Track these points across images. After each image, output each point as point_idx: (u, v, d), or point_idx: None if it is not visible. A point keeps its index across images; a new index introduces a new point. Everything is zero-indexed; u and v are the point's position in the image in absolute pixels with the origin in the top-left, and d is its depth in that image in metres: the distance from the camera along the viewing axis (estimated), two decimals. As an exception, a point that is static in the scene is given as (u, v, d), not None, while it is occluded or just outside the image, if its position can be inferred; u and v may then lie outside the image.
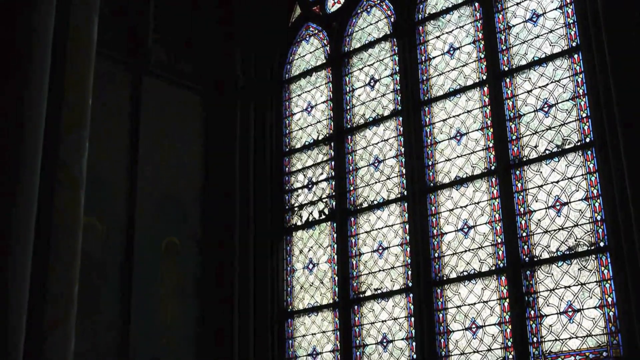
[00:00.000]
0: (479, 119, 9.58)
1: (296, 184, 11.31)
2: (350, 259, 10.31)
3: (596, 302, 8.15)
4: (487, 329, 8.85)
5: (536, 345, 8.42)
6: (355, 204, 10.52)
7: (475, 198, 9.35)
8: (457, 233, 9.40)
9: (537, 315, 8.50)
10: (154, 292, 10.16)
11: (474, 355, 8.88)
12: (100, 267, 9.65)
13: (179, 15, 11.35)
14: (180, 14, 11.36)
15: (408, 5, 10.58)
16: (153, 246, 10.33)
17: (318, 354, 10.33)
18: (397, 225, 10.00)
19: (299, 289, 10.82)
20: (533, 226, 8.78)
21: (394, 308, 9.74)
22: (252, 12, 11.70)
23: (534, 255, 8.70)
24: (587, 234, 8.38)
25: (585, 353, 8.09)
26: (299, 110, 11.62)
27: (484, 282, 9.03)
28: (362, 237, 10.34)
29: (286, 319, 10.80)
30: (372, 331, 9.88)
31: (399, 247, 9.89)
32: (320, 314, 10.47)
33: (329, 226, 10.73)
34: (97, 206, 9.67)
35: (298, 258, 10.97)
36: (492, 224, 9.11)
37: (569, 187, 8.64)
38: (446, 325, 9.18)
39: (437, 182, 9.75)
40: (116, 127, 10.31)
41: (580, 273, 8.34)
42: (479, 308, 8.97)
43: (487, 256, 9.07)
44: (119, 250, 9.94)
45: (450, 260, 9.37)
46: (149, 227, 10.31)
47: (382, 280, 9.95)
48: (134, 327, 9.73)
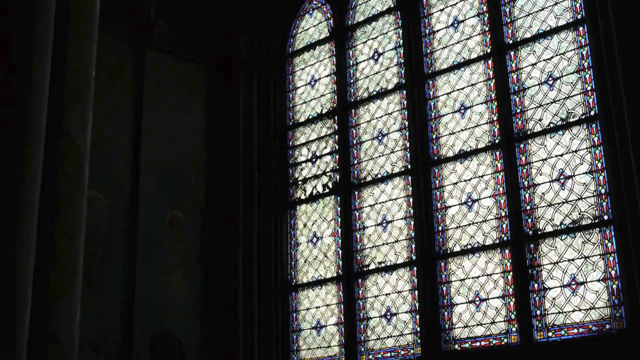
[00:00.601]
0: (483, 92, 9.55)
1: (300, 157, 11.31)
2: (354, 233, 10.33)
3: (599, 275, 8.16)
4: (490, 302, 8.87)
5: (539, 318, 8.44)
6: (359, 177, 10.52)
7: (479, 171, 9.34)
8: (461, 206, 9.40)
9: (540, 288, 8.51)
10: (158, 265, 10.19)
11: (477, 328, 8.91)
12: (105, 240, 9.69)
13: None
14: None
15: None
16: (157, 220, 10.35)
17: (322, 327, 10.37)
18: (401, 199, 10.00)
19: (303, 263, 10.85)
20: (537, 199, 8.78)
21: (398, 281, 9.76)
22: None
23: (537, 229, 8.70)
24: (591, 207, 8.37)
25: (588, 326, 8.11)
26: (302, 84, 11.59)
27: (487, 255, 9.03)
28: (366, 210, 10.34)
29: (290, 292, 10.84)
30: (375, 304, 9.91)
31: (403, 221, 9.90)
32: (324, 287, 10.51)
33: (333, 200, 10.74)
34: (101, 180, 9.68)
35: (302, 232, 10.99)
36: (496, 197, 9.11)
37: (573, 160, 8.62)
38: (450, 298, 9.21)
39: (441, 155, 9.74)
40: (119, 101, 10.30)
41: (583, 246, 8.34)
42: (483, 281, 8.98)
43: (490, 229, 9.08)
44: (123, 223, 9.96)
45: (454, 233, 9.37)
46: (152, 200, 10.33)
47: (385, 254, 9.97)
48: (139, 300, 9.78)
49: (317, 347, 10.34)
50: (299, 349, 10.56)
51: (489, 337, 8.79)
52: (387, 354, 9.61)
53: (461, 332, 9.01)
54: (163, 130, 10.68)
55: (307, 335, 10.53)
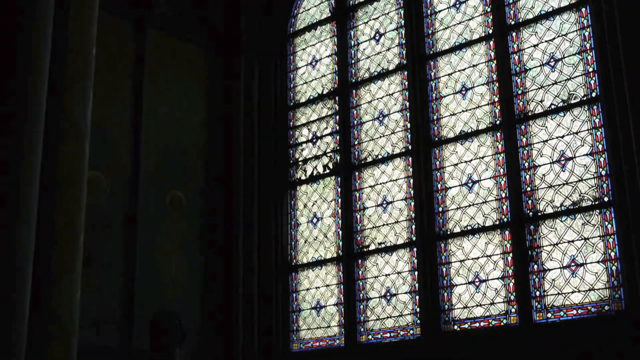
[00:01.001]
0: (485, 73, 9.52)
1: (300, 138, 11.30)
2: (355, 213, 10.34)
3: (599, 257, 8.17)
4: (490, 283, 8.90)
5: (539, 299, 8.46)
6: (360, 158, 10.52)
7: (480, 152, 9.33)
8: (461, 187, 9.40)
9: (540, 270, 8.53)
10: (158, 245, 10.21)
11: (476, 309, 8.94)
12: (105, 220, 9.69)
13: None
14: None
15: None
16: (157, 200, 10.36)
17: (322, 307, 10.41)
18: (401, 180, 10.00)
19: (303, 243, 10.86)
20: (537, 181, 8.78)
21: (398, 262, 9.78)
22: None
23: (537, 210, 8.70)
24: (591, 188, 8.37)
25: (587, 307, 8.14)
26: (303, 65, 11.56)
27: (487, 236, 9.04)
28: (366, 191, 10.35)
29: (290, 273, 10.86)
30: (375, 285, 9.93)
31: (403, 202, 9.91)
32: (324, 268, 10.53)
33: (333, 180, 10.74)
34: (102, 160, 9.68)
35: (302, 212, 11.00)
36: (496, 179, 9.11)
37: (574, 142, 8.61)
38: (449, 279, 9.23)
39: (441, 136, 9.73)
40: (120, 81, 10.27)
41: (583, 228, 8.35)
42: (483, 262, 9.00)
43: (491, 211, 9.08)
44: (123, 203, 9.96)
45: (454, 214, 9.38)
46: (153, 181, 10.32)
47: (386, 234, 9.98)
48: (139, 280, 9.80)
49: (317, 327, 10.38)
50: (299, 329, 10.60)
51: (488, 318, 8.81)
52: (386, 335, 9.65)
53: (460, 313, 9.04)
54: (164, 110, 10.66)
55: (306, 316, 10.56)
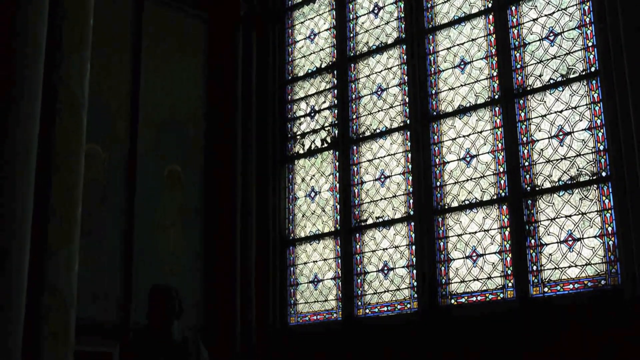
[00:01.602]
0: (484, 47, 9.48)
1: (298, 112, 11.27)
2: (352, 187, 10.34)
3: (596, 232, 8.19)
4: (487, 258, 8.92)
5: (536, 273, 8.48)
6: (358, 132, 10.50)
7: (478, 127, 9.32)
8: (459, 162, 9.39)
9: (537, 244, 8.54)
10: (156, 219, 10.21)
11: (473, 283, 8.97)
12: (102, 193, 9.68)
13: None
14: (182, -62, 11.17)
15: None
16: (155, 174, 10.34)
17: (319, 281, 10.44)
18: (399, 154, 10.00)
19: (301, 217, 10.88)
20: (535, 156, 8.77)
21: (395, 236, 9.80)
22: (255, -64, 11.50)
23: (535, 185, 8.70)
24: (589, 163, 8.37)
25: (583, 281, 8.16)
26: (301, 38, 11.51)
27: (485, 211, 9.05)
28: (364, 165, 10.35)
29: (288, 247, 10.89)
30: (373, 259, 9.96)
31: (401, 176, 9.91)
32: (322, 242, 10.55)
33: (331, 154, 10.73)
34: (99, 133, 9.66)
35: (300, 186, 11.00)
36: (494, 153, 9.10)
37: (572, 117, 8.60)
38: (447, 253, 9.25)
39: (440, 110, 9.71)
40: (117, 54, 10.22)
41: (581, 203, 8.36)
42: (480, 237, 9.01)
43: (488, 185, 9.08)
44: (121, 177, 9.95)
45: (452, 189, 9.38)
46: (150, 154, 10.30)
47: (383, 209, 9.99)
48: (137, 254, 9.81)
49: (315, 301, 10.42)
50: (296, 302, 10.64)
51: (485, 292, 8.84)
52: (383, 309, 9.68)
53: (458, 287, 9.06)
54: (161, 83, 10.62)
55: (304, 289, 10.60)
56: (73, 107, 4.01)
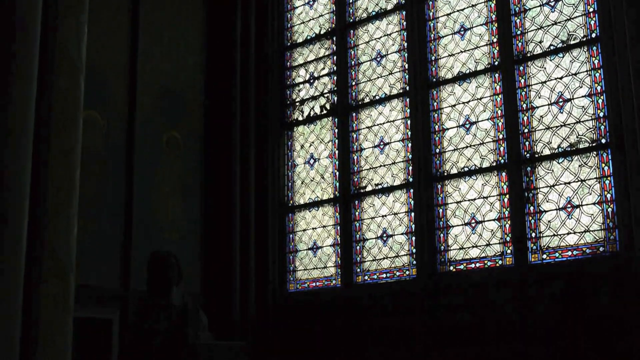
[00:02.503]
0: (484, 13, 9.42)
1: (297, 78, 11.23)
2: (352, 154, 10.33)
3: (595, 199, 8.19)
4: (486, 225, 8.93)
5: (534, 240, 8.50)
6: (357, 99, 10.47)
7: (478, 94, 9.29)
8: (458, 129, 9.37)
9: (536, 211, 8.55)
10: (155, 186, 10.20)
11: (472, 250, 8.98)
12: (102, 160, 9.66)
13: None
14: None
15: None
16: (154, 140, 10.32)
17: (318, 248, 10.46)
18: (398, 121, 9.97)
19: (300, 184, 10.87)
20: (535, 122, 8.75)
21: (394, 203, 9.80)
22: None
23: (535, 152, 8.69)
24: (589, 130, 8.35)
25: (582, 248, 8.18)
26: (300, 4, 11.42)
27: (484, 177, 9.05)
28: (363, 132, 10.32)
29: (287, 214, 10.89)
30: (372, 226, 9.97)
31: (400, 143, 9.89)
32: (321, 209, 10.56)
33: (330, 121, 10.71)
34: (98, 100, 9.63)
35: (299, 153, 10.98)
36: (494, 120, 9.08)
37: (572, 84, 8.56)
38: (446, 220, 9.25)
39: (439, 77, 9.67)
40: (116, 21, 10.15)
41: (580, 169, 8.35)
42: (479, 203, 9.02)
43: (488, 152, 9.07)
44: (120, 144, 9.92)
45: (451, 156, 9.37)
46: (149, 121, 10.28)
47: (382, 176, 9.98)
48: (137, 221, 9.81)
49: (314, 267, 10.44)
50: (295, 269, 10.67)
51: (484, 259, 8.86)
52: (382, 275, 9.71)
53: (456, 254, 9.08)
54: (160, 50, 10.57)
55: (303, 256, 10.62)
56: (71, 71, 3.98)
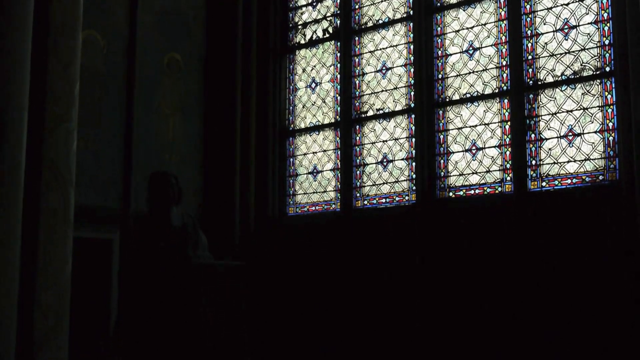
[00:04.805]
0: (491, -64, 9.25)
1: (300, 1, 11.08)
2: (353, 79, 10.27)
3: (597, 127, 8.16)
4: (487, 151, 8.92)
5: (534, 168, 8.50)
6: (360, 23, 10.35)
7: (483, 19, 9.17)
8: (462, 54, 9.29)
9: (537, 139, 8.53)
10: (156, 107, 10.17)
11: (472, 177, 9.00)
12: (102, 81, 9.61)
13: None
14: None
15: None
16: (154, 61, 10.25)
17: (319, 172, 10.48)
18: (401, 46, 9.88)
19: (301, 108, 10.84)
20: (539, 49, 8.66)
21: (395, 128, 9.78)
22: None
23: (538, 79, 8.63)
24: (593, 58, 8.27)
25: (582, 177, 8.18)
26: None
27: (486, 104, 9.01)
28: (365, 56, 10.24)
29: (287, 137, 10.88)
30: (372, 151, 9.97)
31: (403, 68, 9.81)
32: (322, 133, 10.54)
33: (332, 45, 10.61)
34: (98, 19, 9.54)
35: (301, 77, 10.91)
36: (497, 46, 8.99)
37: (578, 10, 8.45)
38: (446, 146, 9.24)
39: (443, 2, 9.54)
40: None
41: (583, 97, 8.30)
42: (480, 130, 8.99)
43: (491, 78, 9.01)
44: (120, 65, 9.85)
45: (454, 82, 9.31)
46: (150, 42, 10.18)
47: (384, 101, 9.94)
48: (137, 142, 9.80)
49: (313, 192, 10.48)
50: (295, 193, 10.71)
51: (483, 185, 8.88)
52: (382, 200, 9.75)
53: (456, 180, 9.10)
54: (160, -31, 10.43)
55: (303, 180, 10.65)
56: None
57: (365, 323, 9.46)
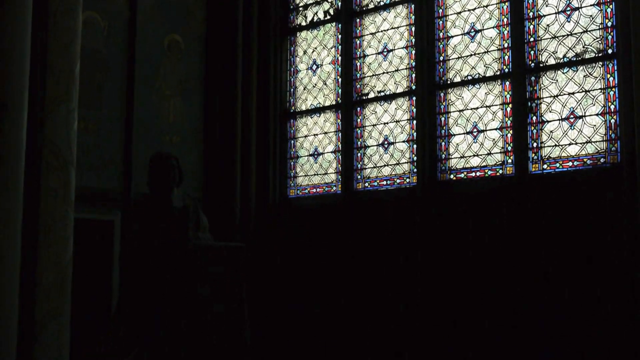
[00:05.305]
0: None
1: (301, -18, 11.05)
2: (355, 61, 10.24)
3: (598, 109, 8.13)
4: (488, 134, 8.90)
5: (536, 150, 8.48)
6: (361, 4, 10.31)
7: (484, 1, 9.12)
8: (463, 36, 9.25)
9: (538, 121, 8.51)
10: (156, 89, 10.15)
11: (473, 159, 8.98)
12: (103, 62, 9.59)
13: None
14: None
15: None
16: (155, 43, 10.21)
17: (319, 154, 10.46)
18: (402, 28, 9.84)
19: (302, 90, 10.81)
20: (541, 31, 8.62)
21: (397, 111, 9.76)
22: None
23: (540, 61, 8.60)
24: (595, 40, 8.24)
25: (583, 159, 8.16)
26: None
27: (487, 86, 8.98)
28: (367, 38, 10.20)
29: (288, 119, 10.87)
30: (373, 133, 9.95)
31: (404, 50, 9.78)
32: (323, 115, 10.53)
33: (333, 27, 10.58)
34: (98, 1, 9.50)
35: (302, 59, 10.88)
36: (499, 28, 8.95)
37: (581, -9, 8.42)
38: (448, 128, 9.22)
39: (446, -17, 9.51)
40: None
41: (585, 80, 8.27)
42: (482, 112, 8.97)
43: (492, 61, 8.98)
44: (120, 46, 9.83)
45: (455, 64, 9.28)
46: (151, 23, 10.15)
47: (385, 83, 9.91)
48: (138, 124, 9.79)
49: (314, 174, 10.47)
50: (296, 175, 10.70)
51: (484, 168, 8.87)
52: (382, 182, 9.74)
53: (457, 163, 9.09)
54: (161, -51, 10.38)
55: (304, 162, 10.64)
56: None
57: (366, 304, 9.48)
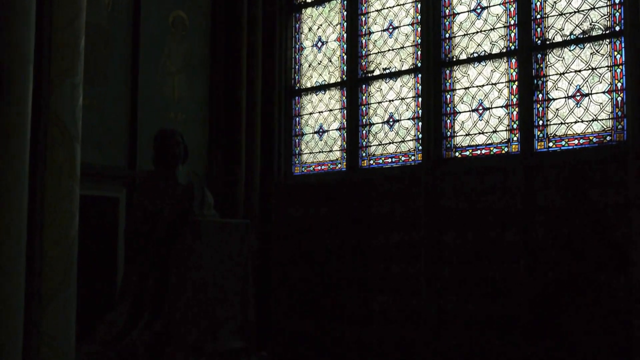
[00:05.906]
0: None
1: (307, -41, 10.99)
2: (360, 38, 10.20)
3: (605, 87, 8.10)
4: (493, 111, 8.87)
5: (541, 128, 8.46)
6: (367, -19, 10.27)
7: (491, -23, 9.09)
8: (469, 13, 9.20)
9: (544, 99, 8.48)
10: (162, 66, 10.12)
11: (479, 137, 8.96)
12: (107, 39, 9.55)
13: None
14: None
15: None
16: (159, 19, 10.17)
17: (325, 131, 10.45)
18: (408, 4, 9.79)
19: (307, 67, 10.78)
20: (548, 8, 8.58)
21: (402, 88, 9.73)
22: None
23: (546, 39, 8.55)
24: (603, 17, 8.19)
25: (589, 137, 8.14)
26: None
27: (493, 64, 8.94)
28: (372, 15, 10.16)
29: (293, 97, 10.84)
30: (379, 110, 9.93)
31: (410, 27, 9.74)
32: (328, 92, 10.50)
33: (339, 3, 10.52)
34: (103, -24, 9.47)
35: (307, 36, 10.84)
36: (505, 5, 8.90)
37: (589, -32, 8.36)
38: (453, 106, 9.20)
39: (452, -40, 9.45)
40: None
41: (592, 57, 8.23)
42: (487, 90, 8.94)
43: (498, 38, 8.93)
44: (125, 23, 9.78)
45: (461, 41, 9.23)
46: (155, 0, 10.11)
47: (391, 60, 9.88)
48: (142, 101, 9.77)
49: (319, 151, 10.47)
50: (301, 152, 10.70)
51: (490, 145, 8.85)
52: (388, 160, 9.74)
53: (463, 140, 9.07)
54: None
55: (309, 140, 10.63)
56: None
57: (369, 280, 9.51)
